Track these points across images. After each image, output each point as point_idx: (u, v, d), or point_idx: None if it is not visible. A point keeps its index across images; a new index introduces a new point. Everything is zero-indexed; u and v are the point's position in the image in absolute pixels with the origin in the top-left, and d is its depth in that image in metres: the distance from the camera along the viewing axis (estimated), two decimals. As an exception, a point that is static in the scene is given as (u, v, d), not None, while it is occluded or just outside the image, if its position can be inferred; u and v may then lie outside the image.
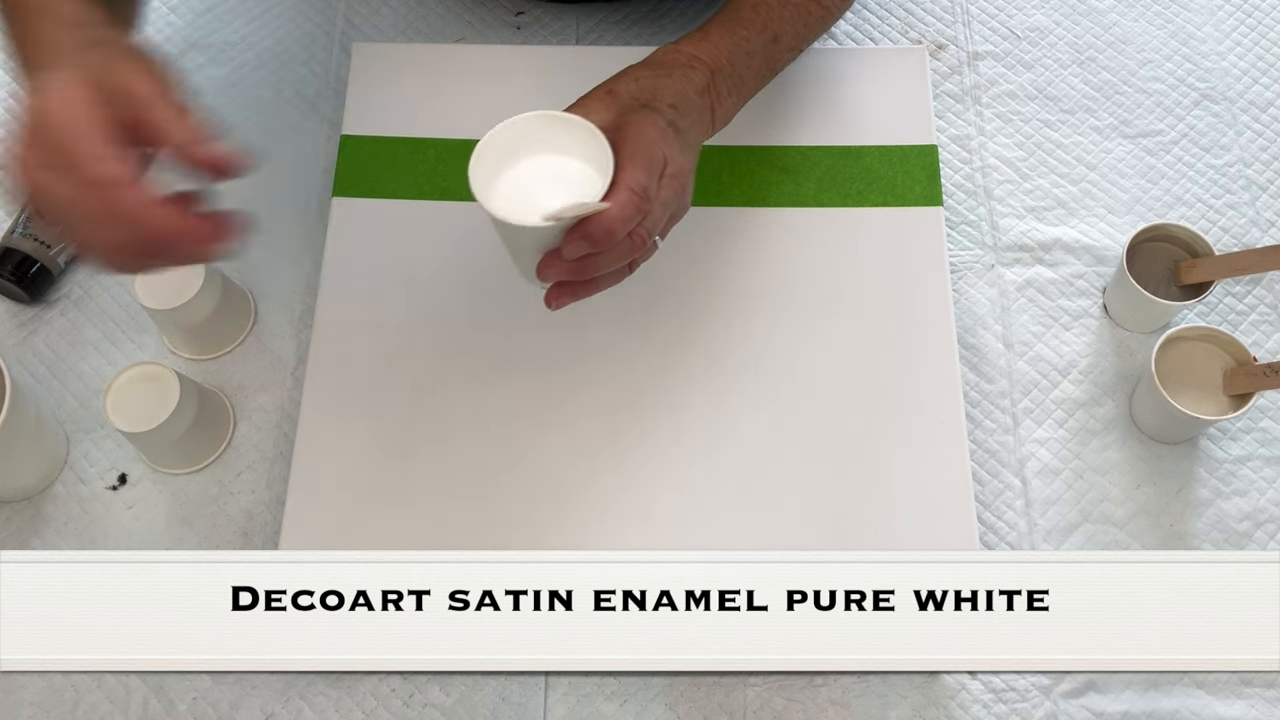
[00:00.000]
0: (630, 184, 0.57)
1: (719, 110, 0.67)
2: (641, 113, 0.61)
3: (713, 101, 0.66)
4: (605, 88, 0.63)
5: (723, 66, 0.66)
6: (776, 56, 0.71)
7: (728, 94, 0.67)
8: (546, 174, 0.60)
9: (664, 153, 0.60)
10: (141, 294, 0.72)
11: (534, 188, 0.59)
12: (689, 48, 0.67)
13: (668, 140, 0.61)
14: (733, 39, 0.68)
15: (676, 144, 0.62)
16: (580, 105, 0.62)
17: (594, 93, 0.63)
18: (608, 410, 0.72)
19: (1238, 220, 0.84)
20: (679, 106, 0.63)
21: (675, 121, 0.62)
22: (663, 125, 0.61)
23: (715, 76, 0.66)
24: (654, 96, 0.63)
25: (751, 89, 0.70)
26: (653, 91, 0.63)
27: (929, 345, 0.74)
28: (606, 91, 0.63)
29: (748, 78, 0.69)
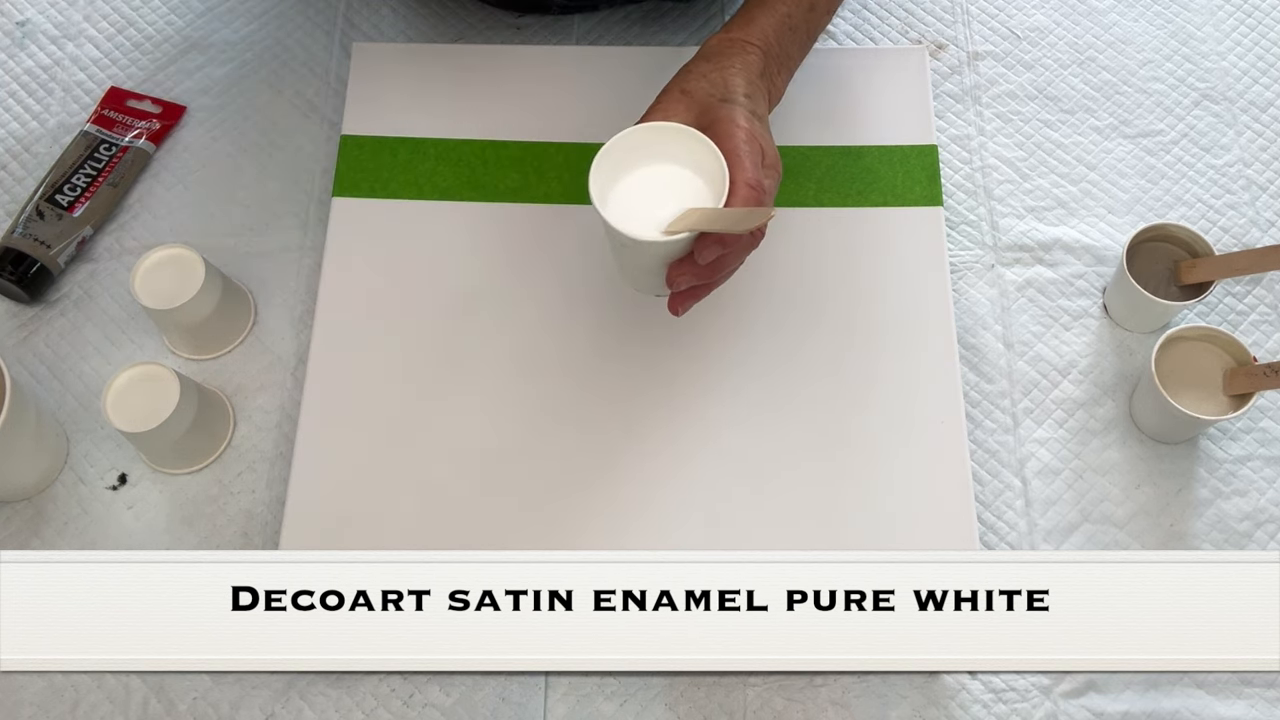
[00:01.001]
0: (747, 181, 0.59)
1: (774, 90, 0.68)
2: (725, 108, 0.62)
3: (769, 83, 0.67)
4: (678, 89, 0.64)
5: (771, 46, 0.67)
6: (815, 24, 0.72)
7: (778, 72, 0.68)
8: (655, 185, 0.61)
9: (760, 143, 0.61)
10: (141, 294, 0.73)
11: (647, 200, 0.60)
12: (738, 34, 0.67)
13: (758, 130, 0.62)
14: (775, 17, 0.68)
15: (764, 131, 0.63)
16: (658, 110, 0.63)
17: (668, 96, 0.64)
18: (608, 411, 0.72)
19: (1238, 220, 0.84)
20: (752, 95, 0.64)
21: (754, 110, 0.63)
22: (749, 115, 0.62)
23: (767, 58, 0.67)
24: (729, 89, 0.63)
25: (797, 62, 0.71)
26: (725, 85, 0.63)
27: (929, 345, 0.74)
28: (681, 92, 0.63)
29: (793, 52, 0.70)
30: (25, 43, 0.90)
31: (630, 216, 0.59)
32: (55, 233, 0.79)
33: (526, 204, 0.78)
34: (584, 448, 0.71)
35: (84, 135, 0.84)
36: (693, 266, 0.60)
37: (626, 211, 0.59)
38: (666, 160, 0.61)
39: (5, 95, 0.88)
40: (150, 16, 0.91)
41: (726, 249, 0.59)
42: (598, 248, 0.76)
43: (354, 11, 0.91)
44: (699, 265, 0.59)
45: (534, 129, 0.81)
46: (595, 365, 0.73)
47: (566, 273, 0.76)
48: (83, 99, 0.87)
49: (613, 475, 0.70)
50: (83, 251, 0.81)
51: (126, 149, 0.83)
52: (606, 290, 0.75)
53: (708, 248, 0.58)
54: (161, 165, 0.85)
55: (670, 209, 0.59)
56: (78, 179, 0.81)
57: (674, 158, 0.61)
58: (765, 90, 0.66)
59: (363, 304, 0.75)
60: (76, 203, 0.81)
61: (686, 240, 0.58)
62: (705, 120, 0.61)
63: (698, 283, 0.61)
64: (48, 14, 0.91)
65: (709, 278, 0.61)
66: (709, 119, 0.61)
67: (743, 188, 0.58)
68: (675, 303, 0.63)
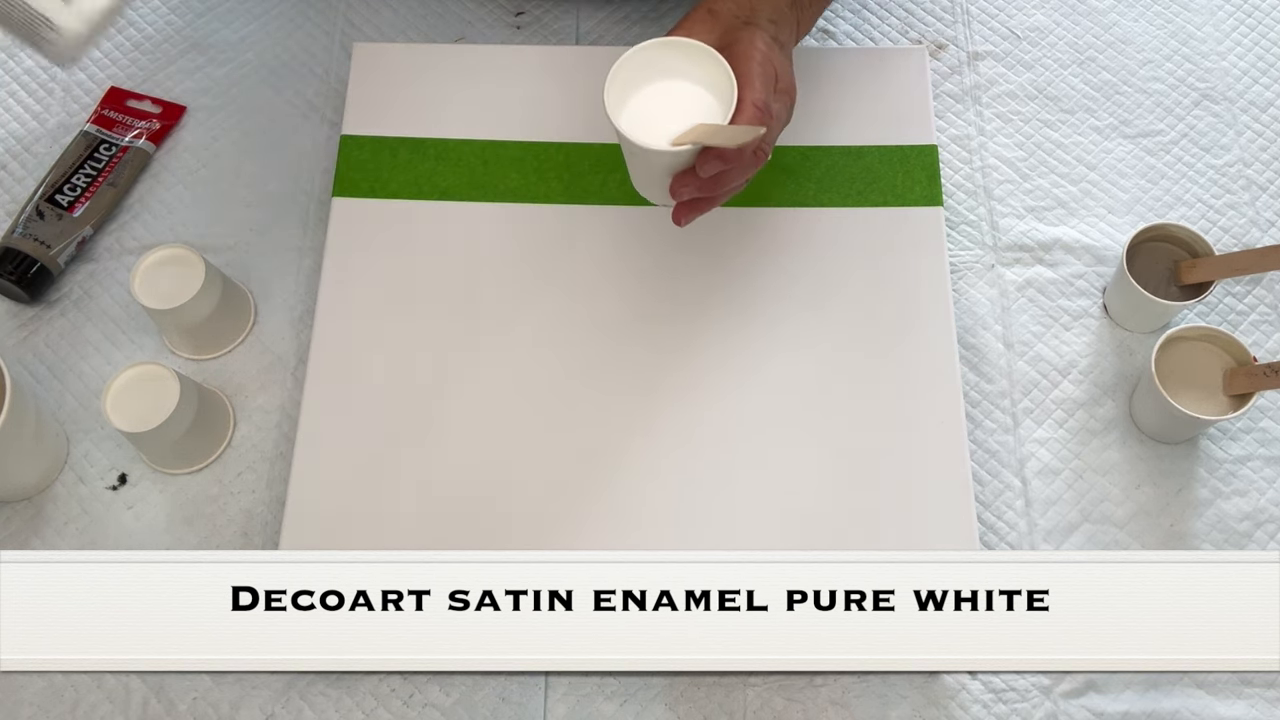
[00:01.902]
0: (754, 101, 0.60)
1: (803, 21, 0.69)
2: (747, 30, 0.63)
3: (799, 13, 0.68)
4: (705, 7, 0.65)
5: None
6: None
7: (808, 5, 0.69)
8: (669, 99, 0.63)
9: (775, 67, 0.62)
10: (141, 294, 0.73)
11: (660, 113, 0.62)
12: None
13: (775, 55, 0.63)
14: None
15: (782, 58, 0.64)
16: (684, 27, 0.64)
17: (695, 13, 0.65)
18: (608, 410, 0.72)
19: (1238, 220, 0.84)
20: (778, 21, 0.65)
21: (777, 36, 0.65)
22: (769, 40, 0.63)
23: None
24: (754, 13, 0.65)
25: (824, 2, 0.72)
26: (751, 8, 0.65)
27: (929, 345, 0.74)
28: (708, 11, 0.64)
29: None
30: (25, 43, 0.89)
31: (641, 126, 0.61)
32: (55, 233, 0.79)
33: (527, 204, 0.78)
34: (584, 447, 0.71)
35: (84, 135, 0.84)
36: (694, 179, 0.62)
37: (639, 121, 0.62)
38: (682, 76, 0.63)
39: (5, 95, 0.88)
40: (150, 16, 0.91)
41: (727, 165, 0.61)
42: (598, 247, 0.76)
43: (354, 11, 0.91)
44: (700, 178, 0.61)
45: (534, 129, 0.81)
46: (595, 365, 0.73)
47: (567, 272, 0.76)
48: (83, 99, 0.87)
49: (612, 474, 0.70)
50: (83, 251, 0.81)
51: (126, 149, 0.83)
52: (607, 290, 0.75)
53: (709, 162, 0.60)
54: (161, 165, 0.85)
55: (680, 123, 0.61)
56: (78, 179, 0.81)
57: (689, 74, 0.63)
58: (794, 20, 0.67)
59: (363, 304, 0.75)
60: (76, 203, 0.81)
61: (690, 153, 0.61)
62: (727, 40, 0.63)
63: (699, 195, 0.63)
64: (48, 14, 0.91)
65: (710, 191, 0.63)
66: (730, 39, 0.63)
67: (749, 107, 0.60)
68: (679, 213, 0.65)
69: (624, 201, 0.77)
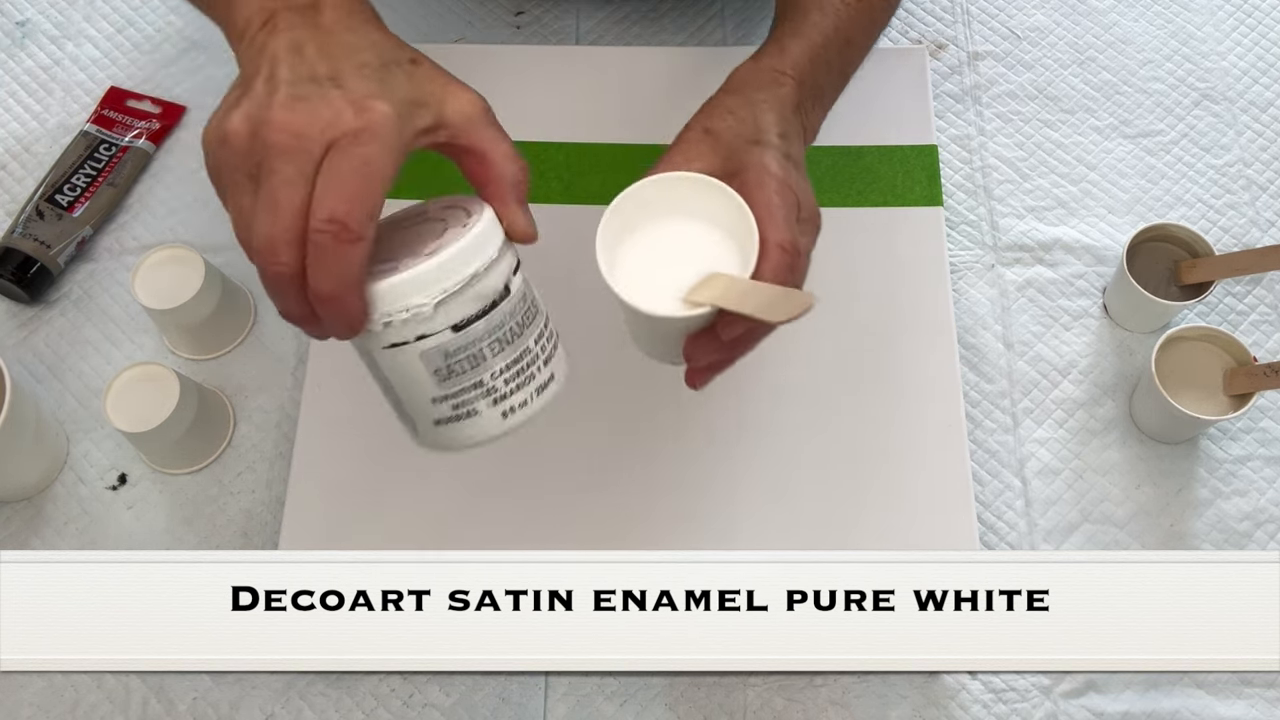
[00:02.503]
0: (779, 241, 0.51)
1: (809, 126, 0.61)
2: (755, 152, 0.54)
3: (804, 119, 0.60)
4: (700, 127, 0.56)
5: (806, 77, 0.60)
6: (849, 61, 0.65)
7: (813, 108, 0.61)
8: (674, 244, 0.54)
9: (795, 193, 0.53)
10: (141, 294, 0.73)
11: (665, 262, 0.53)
12: (771, 63, 0.60)
13: (793, 177, 0.54)
14: (810, 48, 0.61)
15: (799, 178, 0.55)
16: (678, 152, 0.55)
17: (689, 136, 0.56)
18: (608, 411, 0.72)
19: (1238, 220, 0.84)
20: (786, 134, 0.56)
21: (789, 153, 0.55)
22: (782, 159, 0.54)
23: (801, 90, 0.59)
24: (760, 130, 0.56)
25: (830, 100, 0.64)
26: (756, 125, 0.56)
27: (929, 345, 0.74)
28: (704, 131, 0.56)
29: (827, 89, 0.63)
30: (25, 42, 0.90)
31: (643, 282, 0.52)
32: (55, 233, 0.79)
33: (526, 204, 0.78)
34: (585, 448, 0.71)
35: (84, 135, 0.84)
36: (714, 342, 0.53)
37: (639, 275, 0.53)
38: (685, 215, 0.53)
39: (5, 95, 0.88)
40: (150, 16, 0.90)
41: (753, 321, 0.51)
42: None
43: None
44: (722, 341, 0.52)
45: (534, 129, 0.81)
46: (594, 365, 0.73)
47: (566, 273, 0.76)
48: (82, 99, 0.87)
49: (612, 475, 0.70)
50: (83, 251, 0.81)
51: (126, 149, 0.83)
52: (606, 290, 0.75)
53: (732, 323, 0.51)
54: (161, 165, 0.85)
55: (690, 272, 0.52)
56: (78, 179, 0.81)
57: (694, 213, 0.53)
58: (800, 127, 0.58)
59: (363, 304, 0.75)
60: (76, 203, 0.81)
61: (708, 315, 0.52)
62: (732, 166, 0.54)
63: (719, 356, 0.54)
64: (47, 14, 0.91)
65: (735, 353, 0.54)
66: (736, 164, 0.54)
67: (774, 250, 0.51)
68: (694, 376, 0.56)
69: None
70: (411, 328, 0.48)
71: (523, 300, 0.52)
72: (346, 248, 0.46)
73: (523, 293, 0.52)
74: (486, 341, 0.50)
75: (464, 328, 0.49)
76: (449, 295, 0.48)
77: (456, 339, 0.49)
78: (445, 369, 0.50)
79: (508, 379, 0.51)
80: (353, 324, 0.48)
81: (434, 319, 0.48)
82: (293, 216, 0.46)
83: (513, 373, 0.52)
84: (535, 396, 0.53)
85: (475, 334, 0.50)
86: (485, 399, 0.51)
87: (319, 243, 0.46)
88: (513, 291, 0.51)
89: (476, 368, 0.50)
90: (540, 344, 0.53)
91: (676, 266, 0.53)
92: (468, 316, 0.49)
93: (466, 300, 0.49)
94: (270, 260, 0.46)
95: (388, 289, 0.47)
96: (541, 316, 0.54)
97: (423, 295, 0.48)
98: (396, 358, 0.50)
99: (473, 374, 0.50)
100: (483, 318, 0.50)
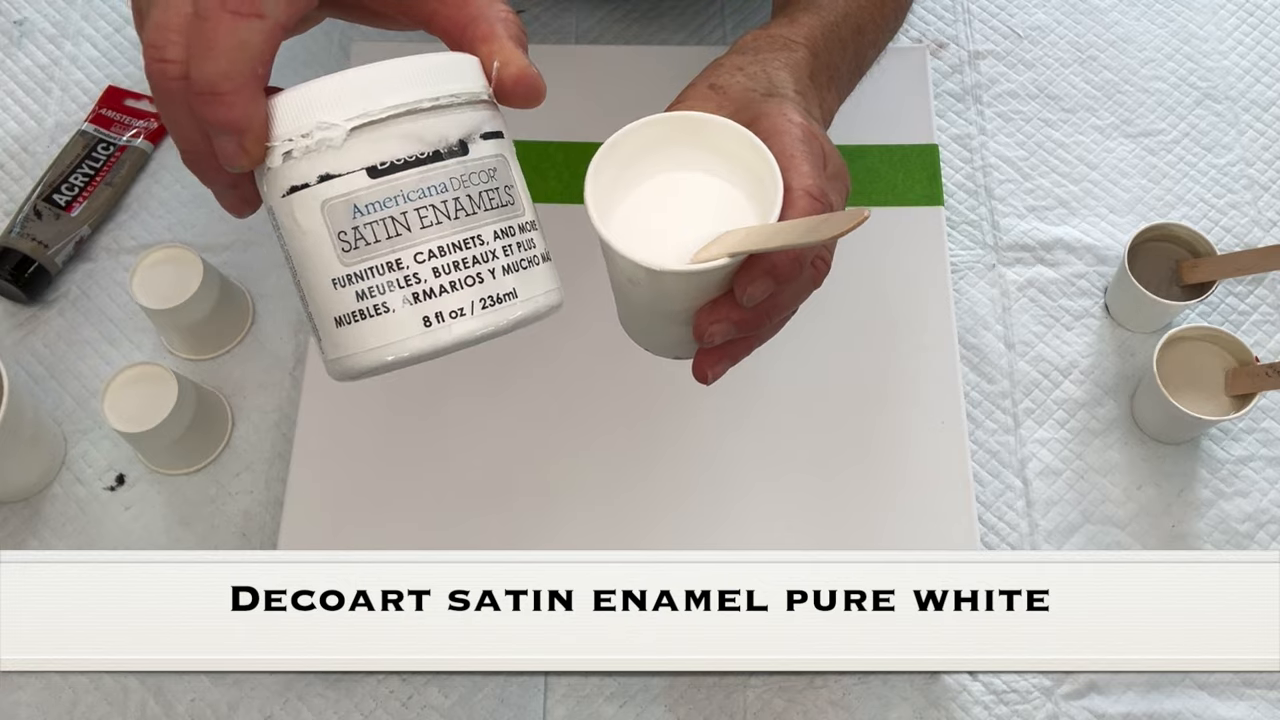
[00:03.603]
0: (805, 188, 0.44)
1: (825, 103, 0.54)
2: (771, 102, 0.48)
3: (821, 94, 0.53)
4: (705, 83, 0.50)
5: (819, 51, 0.54)
6: (862, 52, 0.60)
7: (828, 86, 0.55)
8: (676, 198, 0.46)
9: (820, 144, 0.47)
10: (140, 294, 0.72)
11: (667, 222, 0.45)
12: (781, 31, 0.54)
13: (816, 129, 0.47)
14: (822, 23, 0.56)
15: (824, 135, 0.49)
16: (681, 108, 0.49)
17: (692, 92, 0.50)
18: (608, 411, 0.72)
19: (1239, 220, 0.84)
20: (803, 94, 0.50)
21: (809, 110, 0.49)
22: (803, 112, 0.48)
23: (816, 60, 0.53)
24: (773, 84, 0.49)
25: (845, 87, 0.58)
26: (769, 79, 0.50)
27: (929, 345, 0.73)
28: (709, 87, 0.49)
29: (842, 70, 0.57)
30: (23, 42, 0.89)
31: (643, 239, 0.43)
32: (53, 232, 0.79)
33: (526, 203, 0.78)
34: (584, 448, 0.71)
35: (81, 135, 0.84)
36: (733, 310, 0.44)
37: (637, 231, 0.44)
38: (692, 166, 0.46)
39: (3, 94, 0.87)
40: (149, 16, 0.90)
41: (779, 284, 0.43)
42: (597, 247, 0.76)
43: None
44: (741, 308, 0.44)
45: (533, 128, 0.80)
46: (594, 365, 0.73)
47: (566, 272, 0.76)
48: (80, 98, 0.87)
49: (612, 475, 0.70)
50: (80, 251, 0.81)
51: (124, 148, 0.83)
52: (606, 289, 0.75)
53: (755, 281, 0.43)
54: (159, 165, 0.84)
55: (699, 232, 0.44)
56: (75, 178, 0.81)
57: (702, 163, 0.46)
58: (817, 98, 0.52)
59: (362, 304, 0.75)
60: (74, 202, 0.80)
61: (724, 273, 0.43)
62: (745, 118, 0.47)
63: (738, 333, 0.46)
64: (45, 13, 0.90)
65: (754, 327, 0.46)
66: (750, 115, 0.47)
67: (802, 197, 0.43)
68: (705, 364, 0.47)
69: (624, 201, 0.77)
70: (315, 161, 0.38)
71: (488, 175, 0.40)
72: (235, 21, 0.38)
73: (492, 167, 0.41)
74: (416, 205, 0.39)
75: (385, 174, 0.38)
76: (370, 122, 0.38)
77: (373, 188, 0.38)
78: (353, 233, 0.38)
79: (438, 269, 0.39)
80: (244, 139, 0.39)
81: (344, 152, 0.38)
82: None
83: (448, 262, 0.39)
84: (479, 308, 0.40)
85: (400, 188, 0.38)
86: (401, 291, 0.39)
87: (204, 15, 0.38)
88: (472, 154, 0.40)
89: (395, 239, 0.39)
90: (503, 243, 0.41)
91: (683, 223, 0.44)
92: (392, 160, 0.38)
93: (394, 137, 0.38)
94: (155, 56, 0.39)
95: (292, 98, 0.38)
96: (516, 212, 0.42)
97: (334, 112, 0.38)
98: (296, 213, 0.39)
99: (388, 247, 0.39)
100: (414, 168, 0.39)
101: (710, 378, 0.48)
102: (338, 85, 0.38)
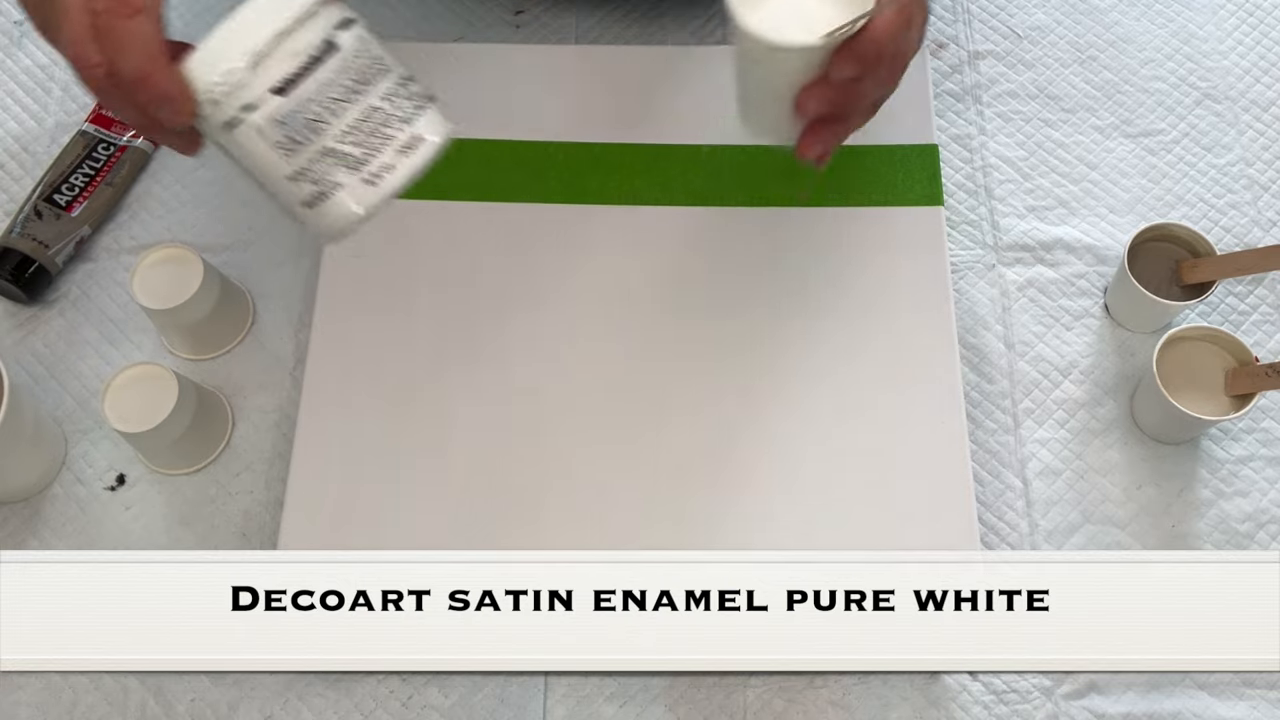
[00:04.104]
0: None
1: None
2: None
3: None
4: None
5: None
6: None
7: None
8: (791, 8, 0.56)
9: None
10: (140, 294, 0.72)
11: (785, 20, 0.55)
12: None
13: None
14: None
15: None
16: None
17: None
18: (607, 411, 0.72)
19: (1239, 220, 0.84)
20: None
21: None
22: None
23: None
24: None
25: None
26: None
27: (929, 345, 0.73)
28: None
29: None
30: (23, 41, 0.89)
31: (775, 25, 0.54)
32: (53, 232, 0.79)
33: (526, 204, 0.78)
34: (585, 448, 0.71)
35: (82, 135, 0.84)
36: (825, 89, 0.55)
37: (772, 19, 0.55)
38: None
39: (3, 94, 0.87)
40: (149, 16, 0.90)
41: (863, 69, 0.54)
42: (597, 248, 0.76)
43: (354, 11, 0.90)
44: (833, 85, 0.55)
45: (534, 128, 0.80)
46: (595, 366, 0.73)
47: (566, 273, 0.76)
48: (81, 98, 0.87)
49: (612, 475, 0.70)
50: (81, 251, 0.81)
51: (125, 148, 0.83)
52: (605, 290, 0.75)
53: (844, 63, 0.54)
54: (160, 165, 0.84)
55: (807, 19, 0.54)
56: (76, 178, 0.81)
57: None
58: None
59: (362, 304, 0.75)
60: (74, 202, 0.80)
61: (825, 53, 0.54)
62: None
63: (828, 110, 0.56)
64: (46, 13, 0.90)
65: (841, 105, 0.56)
66: None
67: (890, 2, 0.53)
68: (807, 141, 0.58)
69: (623, 202, 0.77)
70: (235, 98, 0.49)
71: (357, 57, 0.51)
72: (127, 23, 0.48)
73: (356, 49, 0.51)
74: (320, 102, 0.49)
75: (288, 90, 0.49)
76: (262, 56, 0.48)
77: (285, 104, 0.49)
78: (287, 140, 0.50)
79: (357, 140, 0.51)
80: (176, 105, 0.49)
81: (253, 84, 0.49)
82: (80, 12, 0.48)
83: (363, 134, 0.51)
84: (400, 157, 0.52)
85: (305, 95, 0.49)
86: (341, 166, 0.50)
87: (103, 26, 0.48)
88: (342, 47, 0.50)
89: (319, 133, 0.50)
90: (393, 103, 0.52)
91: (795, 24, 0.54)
92: (287, 76, 0.49)
93: (282, 58, 0.49)
94: (82, 64, 0.49)
95: (198, 60, 0.48)
96: (392, 75, 0.52)
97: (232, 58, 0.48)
98: (238, 141, 0.50)
99: (317, 140, 0.50)
100: (307, 75, 0.49)
101: (812, 153, 0.58)
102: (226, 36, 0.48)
